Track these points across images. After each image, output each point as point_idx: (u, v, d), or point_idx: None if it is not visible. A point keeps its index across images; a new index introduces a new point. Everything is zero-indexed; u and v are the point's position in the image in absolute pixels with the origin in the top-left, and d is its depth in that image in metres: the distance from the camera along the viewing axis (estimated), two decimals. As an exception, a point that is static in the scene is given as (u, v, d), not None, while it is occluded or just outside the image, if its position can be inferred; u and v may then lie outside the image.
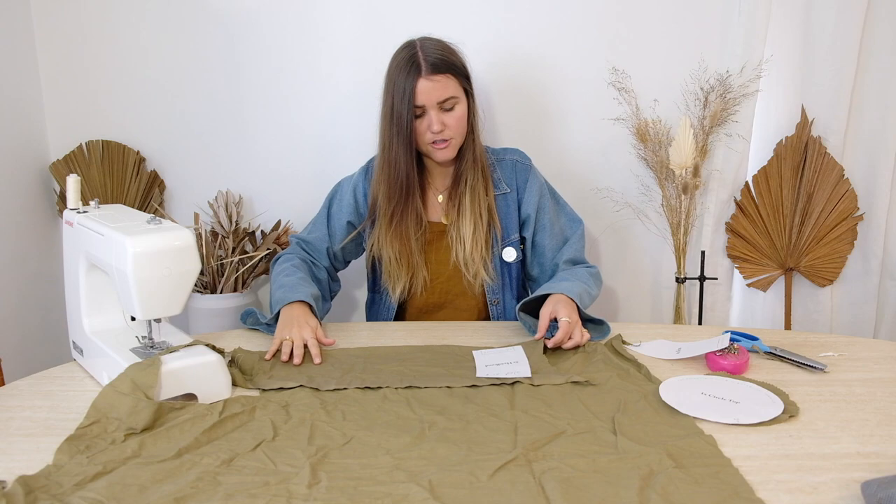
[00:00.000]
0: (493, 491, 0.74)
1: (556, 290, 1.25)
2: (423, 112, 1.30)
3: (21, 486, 0.73)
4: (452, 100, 1.30)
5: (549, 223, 1.42)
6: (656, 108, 1.78)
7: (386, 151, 1.34)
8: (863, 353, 1.16)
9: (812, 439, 0.86)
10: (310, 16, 1.77)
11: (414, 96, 1.27)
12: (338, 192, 1.47)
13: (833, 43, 1.73)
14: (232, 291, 1.78)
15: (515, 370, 1.07)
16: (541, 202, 1.42)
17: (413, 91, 1.27)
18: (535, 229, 1.42)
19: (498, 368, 1.09)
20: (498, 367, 1.10)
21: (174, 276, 0.97)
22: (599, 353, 1.14)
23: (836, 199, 1.81)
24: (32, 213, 1.80)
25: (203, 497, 0.73)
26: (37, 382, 1.06)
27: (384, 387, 1.03)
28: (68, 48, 1.78)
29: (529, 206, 1.41)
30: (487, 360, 1.14)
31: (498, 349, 1.18)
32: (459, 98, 1.32)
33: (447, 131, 1.31)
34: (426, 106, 1.29)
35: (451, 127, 1.31)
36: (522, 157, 1.45)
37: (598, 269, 1.43)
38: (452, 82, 1.30)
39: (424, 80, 1.27)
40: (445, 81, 1.29)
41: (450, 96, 1.30)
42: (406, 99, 1.27)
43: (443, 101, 1.29)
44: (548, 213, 1.42)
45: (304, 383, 1.04)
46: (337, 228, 1.44)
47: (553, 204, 1.45)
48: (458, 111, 1.32)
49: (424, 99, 1.28)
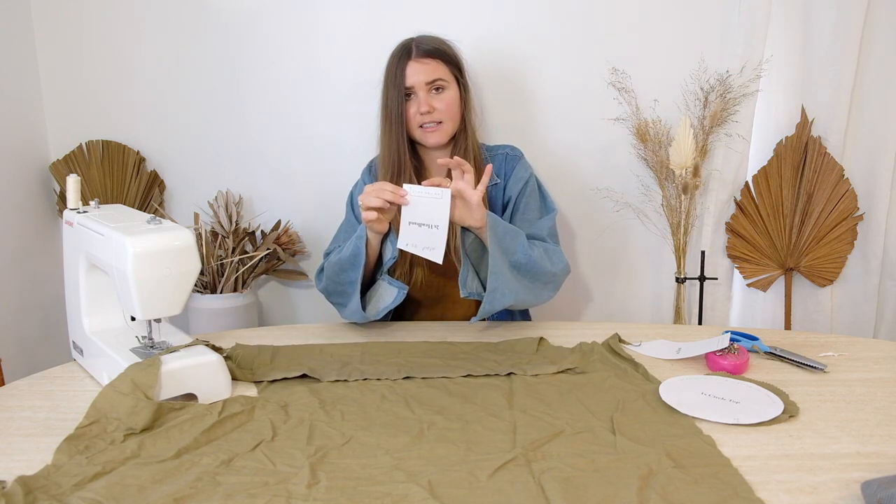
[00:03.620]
0: (493, 491, 0.74)
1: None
2: (412, 95, 1.35)
3: (20, 486, 0.73)
4: (440, 81, 1.35)
5: (525, 207, 1.41)
6: (656, 108, 1.78)
7: (382, 137, 1.39)
8: (863, 353, 1.16)
9: (812, 439, 0.86)
10: (310, 16, 1.77)
11: (404, 79, 1.34)
12: (352, 198, 1.49)
13: (833, 43, 1.73)
14: (232, 291, 1.78)
15: (430, 253, 1.15)
16: (523, 189, 1.42)
17: (403, 74, 1.34)
18: (511, 211, 1.43)
19: (416, 242, 1.16)
20: (416, 242, 1.16)
21: (174, 276, 0.97)
22: (597, 353, 1.15)
23: (836, 199, 1.81)
24: (32, 213, 1.80)
25: (202, 497, 0.73)
26: (37, 382, 1.06)
27: (383, 378, 1.05)
28: (68, 48, 1.79)
29: (511, 191, 1.43)
30: (412, 215, 1.17)
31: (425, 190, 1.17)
32: (449, 82, 1.37)
33: (436, 114, 1.35)
34: (415, 87, 1.34)
35: (439, 109, 1.35)
36: (514, 150, 1.48)
37: (562, 253, 1.35)
38: (442, 67, 1.36)
39: (414, 63, 1.34)
40: (434, 65, 1.35)
41: (438, 77, 1.35)
42: (397, 82, 1.34)
43: (430, 81, 1.34)
44: (526, 198, 1.41)
45: (305, 373, 1.06)
46: None
47: (534, 192, 1.44)
48: (448, 95, 1.36)
49: (413, 81, 1.34)
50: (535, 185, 1.45)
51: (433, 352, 1.17)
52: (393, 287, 1.29)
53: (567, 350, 1.18)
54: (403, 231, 1.18)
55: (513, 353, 1.17)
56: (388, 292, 1.29)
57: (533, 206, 1.43)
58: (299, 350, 1.18)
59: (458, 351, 1.18)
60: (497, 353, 1.17)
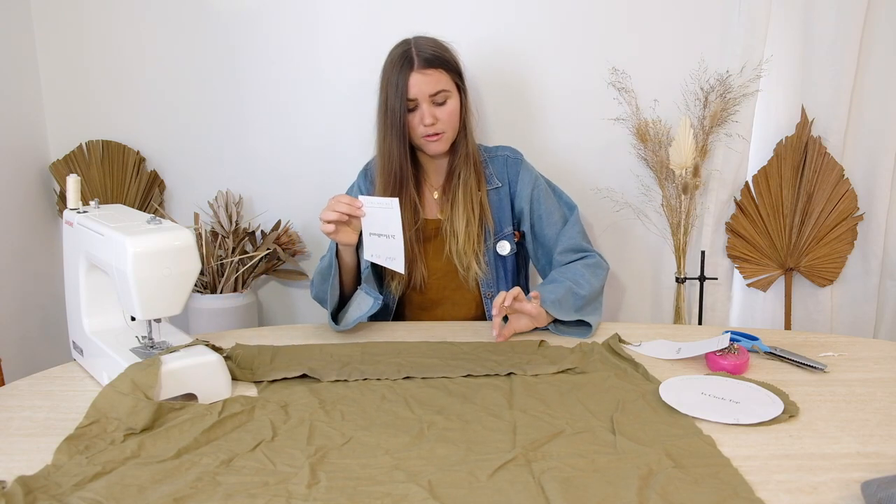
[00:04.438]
0: (493, 491, 0.74)
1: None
2: (415, 106, 1.34)
3: (20, 486, 0.73)
4: (444, 93, 1.34)
5: (547, 212, 1.43)
6: (656, 108, 1.78)
7: (381, 144, 1.38)
8: (863, 353, 1.16)
9: (812, 439, 0.86)
10: (309, 16, 1.77)
11: (406, 90, 1.32)
12: None
13: (833, 43, 1.73)
14: (232, 291, 1.78)
15: (392, 263, 1.21)
16: (534, 193, 1.43)
17: (406, 85, 1.31)
18: (532, 221, 1.43)
19: (379, 253, 1.22)
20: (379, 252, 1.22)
21: (174, 276, 0.97)
22: (597, 353, 1.15)
23: (836, 199, 1.81)
24: (32, 213, 1.80)
25: (202, 497, 0.73)
26: (37, 382, 1.06)
27: (383, 378, 1.05)
28: (68, 48, 1.79)
29: (522, 199, 1.43)
30: (371, 225, 1.22)
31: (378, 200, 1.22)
32: (451, 92, 1.36)
33: (439, 125, 1.35)
34: (418, 99, 1.33)
35: (442, 120, 1.35)
36: (514, 152, 1.47)
37: (599, 257, 1.41)
38: (444, 77, 1.34)
39: (417, 74, 1.31)
40: (437, 76, 1.33)
41: (441, 89, 1.34)
42: (399, 93, 1.32)
43: (434, 93, 1.33)
44: (543, 203, 1.43)
45: (305, 373, 1.06)
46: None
47: (548, 192, 1.45)
48: (450, 105, 1.36)
49: (416, 92, 1.32)
50: (544, 185, 1.46)
51: (433, 352, 1.17)
52: (369, 297, 1.30)
53: (567, 350, 1.18)
54: (366, 243, 1.23)
55: (513, 353, 1.17)
56: (365, 301, 1.30)
57: (553, 209, 1.44)
58: (299, 350, 1.18)
59: (458, 351, 1.18)
60: (497, 353, 1.17)
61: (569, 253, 1.41)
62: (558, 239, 1.42)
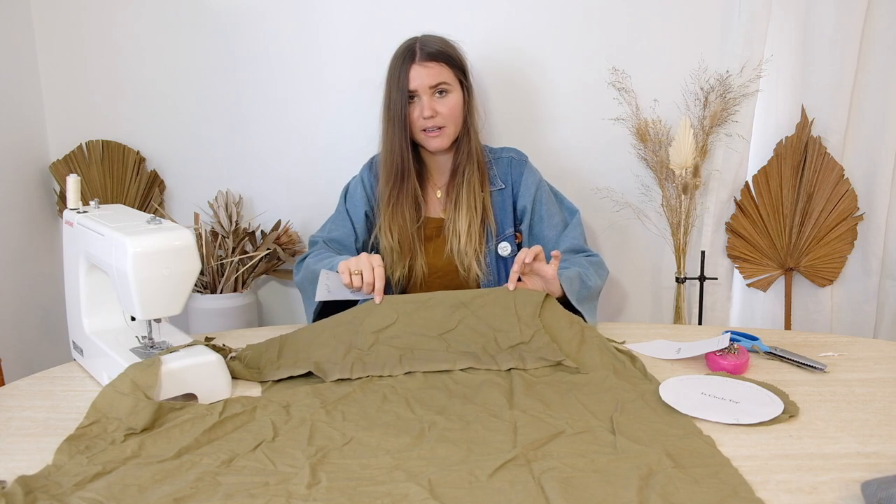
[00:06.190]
0: (493, 491, 0.74)
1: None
2: (416, 98, 1.35)
3: (20, 486, 0.73)
4: (444, 85, 1.35)
5: (548, 214, 1.43)
6: (656, 108, 1.78)
7: (384, 137, 1.40)
8: (863, 353, 1.16)
9: (812, 439, 0.86)
10: (309, 16, 1.77)
11: (407, 81, 1.33)
12: (349, 190, 1.50)
13: (833, 43, 1.73)
14: (232, 291, 1.78)
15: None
16: (537, 195, 1.43)
17: (406, 76, 1.33)
18: (532, 221, 1.44)
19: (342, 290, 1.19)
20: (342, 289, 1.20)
21: (174, 276, 0.97)
22: (596, 338, 1.15)
23: (836, 199, 1.81)
24: (32, 213, 1.80)
25: (203, 497, 0.73)
26: (37, 382, 1.06)
27: (385, 374, 1.06)
28: (68, 48, 1.79)
29: (525, 199, 1.43)
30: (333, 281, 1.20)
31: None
32: (452, 86, 1.36)
33: (439, 118, 1.35)
34: (418, 90, 1.34)
35: (443, 114, 1.35)
36: (518, 154, 1.48)
37: (601, 258, 1.42)
38: (446, 70, 1.35)
39: (418, 66, 1.33)
40: (438, 69, 1.34)
41: (441, 81, 1.34)
42: (400, 84, 1.34)
43: (434, 85, 1.34)
44: (544, 204, 1.43)
45: (311, 370, 1.06)
46: (357, 221, 1.46)
47: (550, 196, 1.46)
48: (451, 99, 1.36)
49: (417, 84, 1.33)
50: (547, 188, 1.46)
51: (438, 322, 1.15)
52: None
53: (566, 322, 1.17)
54: (322, 292, 1.20)
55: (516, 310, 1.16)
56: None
57: (554, 212, 1.44)
58: (308, 335, 1.15)
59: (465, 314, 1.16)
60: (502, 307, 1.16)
61: (571, 253, 1.41)
62: (559, 240, 1.42)
